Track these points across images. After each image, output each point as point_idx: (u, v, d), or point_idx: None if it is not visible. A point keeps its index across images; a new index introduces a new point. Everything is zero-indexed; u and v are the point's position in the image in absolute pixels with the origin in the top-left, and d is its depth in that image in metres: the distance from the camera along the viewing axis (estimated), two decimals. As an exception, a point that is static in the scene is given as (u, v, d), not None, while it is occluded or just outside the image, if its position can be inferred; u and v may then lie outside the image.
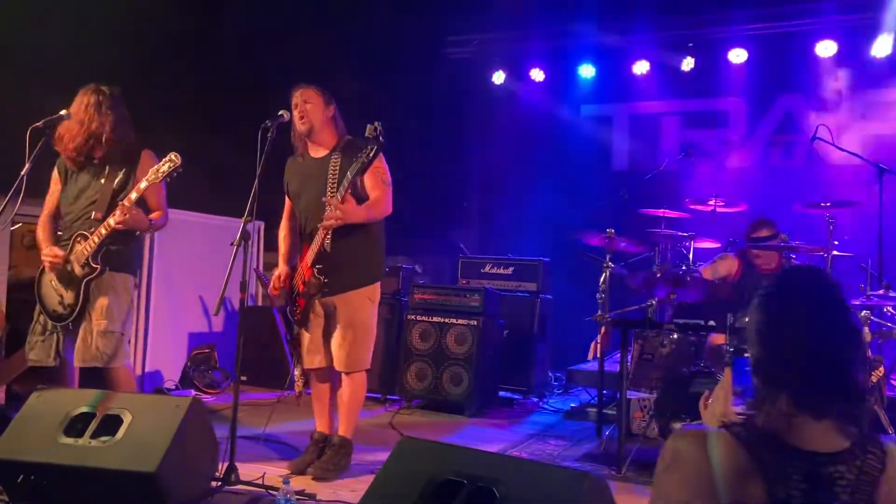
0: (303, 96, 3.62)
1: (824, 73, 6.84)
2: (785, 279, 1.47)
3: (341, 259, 3.52)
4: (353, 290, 3.57)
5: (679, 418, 3.74)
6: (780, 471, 1.28)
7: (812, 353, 1.34)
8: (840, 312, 1.38)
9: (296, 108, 3.61)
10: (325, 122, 3.64)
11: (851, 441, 1.32)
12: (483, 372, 5.23)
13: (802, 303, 1.38)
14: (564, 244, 6.67)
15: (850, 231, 5.11)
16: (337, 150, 3.62)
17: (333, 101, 3.70)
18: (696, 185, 6.56)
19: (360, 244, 3.57)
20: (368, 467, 3.69)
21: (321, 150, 3.66)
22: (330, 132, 3.66)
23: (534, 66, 7.88)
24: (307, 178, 3.66)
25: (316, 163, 3.65)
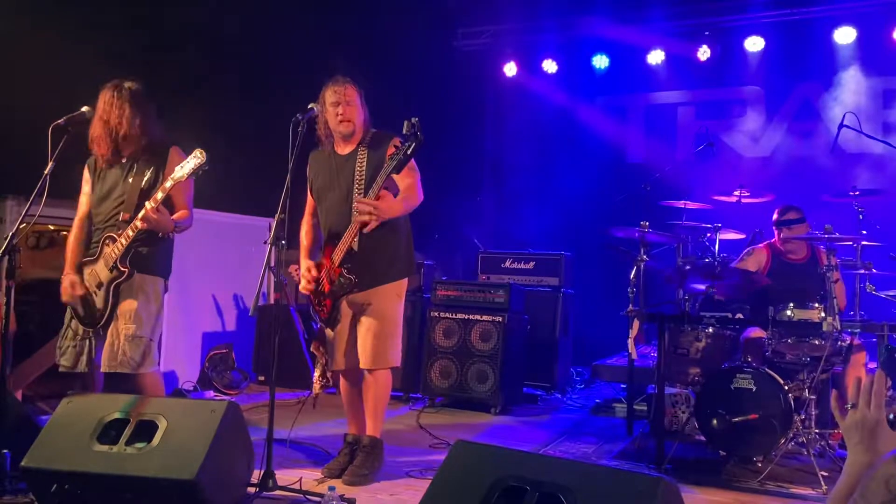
0: (346, 95, 3.47)
1: (843, 59, 6.74)
2: None
3: (370, 257, 3.42)
4: (380, 285, 3.46)
5: (720, 415, 3.66)
6: None
7: None
8: None
9: (335, 105, 3.47)
10: (362, 123, 3.53)
11: None
12: (509, 369, 5.14)
13: None
14: (582, 238, 6.58)
15: (880, 220, 5.02)
16: (363, 144, 3.52)
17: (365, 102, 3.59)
18: (717, 176, 6.45)
19: (387, 241, 3.48)
20: (404, 469, 3.61)
21: (348, 146, 3.55)
22: (362, 129, 3.55)
23: (546, 58, 7.78)
24: (334, 174, 3.55)
25: (342, 159, 3.54)
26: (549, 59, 7.77)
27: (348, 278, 3.40)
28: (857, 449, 1.40)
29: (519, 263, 6.06)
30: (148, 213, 3.21)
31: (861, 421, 1.40)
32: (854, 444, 1.41)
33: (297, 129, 3.22)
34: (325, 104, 3.47)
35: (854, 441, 1.41)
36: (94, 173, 3.53)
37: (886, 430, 1.39)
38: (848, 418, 1.43)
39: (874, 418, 1.39)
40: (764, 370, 3.61)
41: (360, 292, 3.44)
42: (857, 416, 1.41)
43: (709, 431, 3.69)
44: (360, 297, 3.46)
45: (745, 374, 3.61)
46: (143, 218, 3.22)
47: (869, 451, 1.38)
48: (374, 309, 3.46)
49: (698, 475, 3.67)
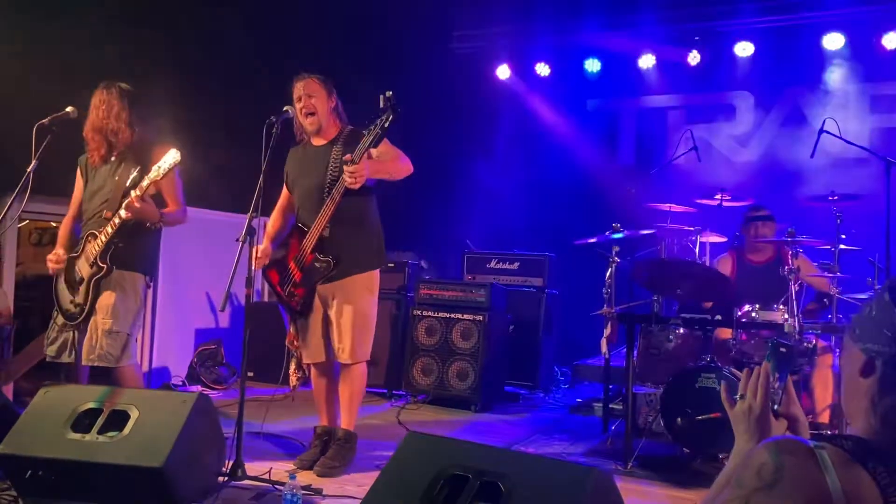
0: (306, 89, 3.55)
1: (831, 65, 6.80)
2: None
3: (340, 244, 3.48)
4: (350, 276, 3.52)
5: (685, 413, 3.74)
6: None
7: None
8: None
9: (299, 100, 3.56)
10: (329, 114, 3.60)
11: None
12: (489, 367, 5.23)
13: None
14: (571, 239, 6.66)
15: (858, 225, 5.07)
16: (339, 142, 3.58)
17: (334, 89, 3.65)
18: (702, 179, 6.53)
19: (356, 232, 3.54)
20: (375, 462, 3.70)
21: (322, 139, 3.63)
22: (333, 123, 3.62)
23: (539, 61, 7.86)
24: (306, 166, 3.62)
25: (316, 151, 3.61)
26: (542, 63, 7.85)
27: (325, 261, 3.46)
28: (743, 437, 1.48)
29: (504, 264, 6.15)
30: (132, 202, 3.30)
31: (748, 410, 1.48)
32: (741, 433, 1.48)
33: (272, 130, 3.32)
34: (293, 96, 3.57)
35: (741, 429, 1.49)
36: (86, 171, 3.65)
37: (770, 420, 1.47)
38: (736, 407, 1.50)
39: (759, 408, 1.47)
40: (728, 370, 3.69)
41: (330, 283, 3.50)
42: (744, 406, 1.49)
43: (674, 430, 3.77)
44: (330, 288, 3.51)
45: (710, 374, 3.69)
46: (128, 207, 3.31)
47: (753, 439, 1.46)
48: (348, 304, 3.52)
49: (664, 472, 3.76)
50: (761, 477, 1.19)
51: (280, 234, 3.77)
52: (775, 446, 1.22)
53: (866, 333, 1.28)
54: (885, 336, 1.24)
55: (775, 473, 1.18)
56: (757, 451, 1.27)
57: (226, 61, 6.15)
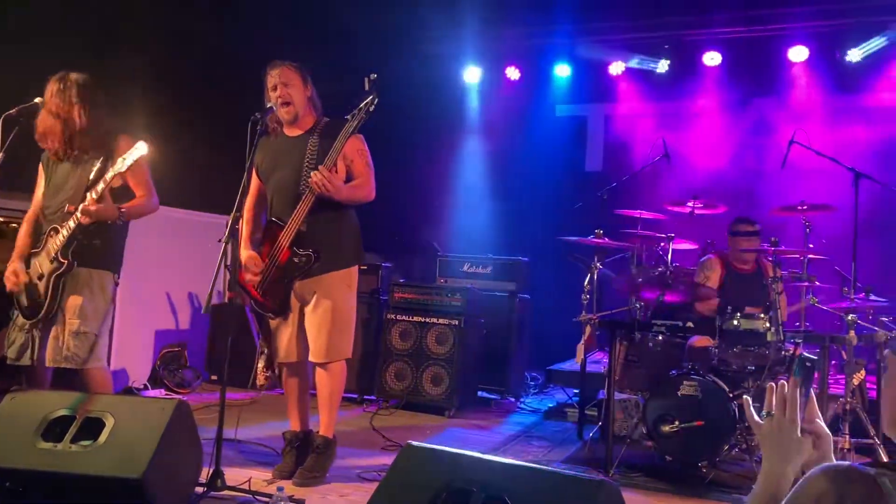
0: (282, 77, 3.41)
1: (797, 77, 6.95)
2: None
3: (317, 239, 3.36)
4: (328, 272, 3.41)
5: (667, 421, 3.74)
6: None
7: None
8: None
9: (273, 89, 3.42)
10: (305, 104, 3.47)
11: None
12: (464, 372, 5.18)
13: None
14: (538, 243, 6.66)
15: (826, 234, 5.18)
16: (315, 132, 3.46)
17: (310, 77, 3.53)
18: (671, 186, 6.59)
19: (334, 227, 3.43)
20: (354, 471, 3.61)
21: (297, 129, 3.50)
22: (309, 113, 3.49)
23: (510, 65, 7.85)
24: (281, 156, 3.47)
25: (291, 141, 3.47)
26: (513, 67, 7.85)
27: (304, 255, 3.34)
28: (774, 457, 1.42)
29: (477, 268, 6.10)
30: (86, 207, 3.16)
31: (777, 428, 1.43)
32: (772, 452, 1.43)
33: (256, 127, 3.20)
34: (266, 91, 3.43)
35: (771, 448, 1.43)
36: (47, 167, 3.48)
37: (800, 438, 1.43)
38: (765, 426, 1.45)
39: (790, 425, 1.42)
40: (710, 378, 3.71)
41: (308, 279, 3.39)
42: (773, 424, 1.44)
43: (655, 437, 3.77)
44: (308, 284, 3.40)
45: (692, 382, 3.70)
46: (83, 211, 3.16)
47: (784, 458, 1.41)
48: (326, 300, 3.40)
49: (645, 480, 3.76)
50: None
51: (255, 235, 3.62)
52: (835, 475, 1.19)
53: None
54: None
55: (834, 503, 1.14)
56: (814, 478, 1.22)
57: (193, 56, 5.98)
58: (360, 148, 3.45)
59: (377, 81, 3.19)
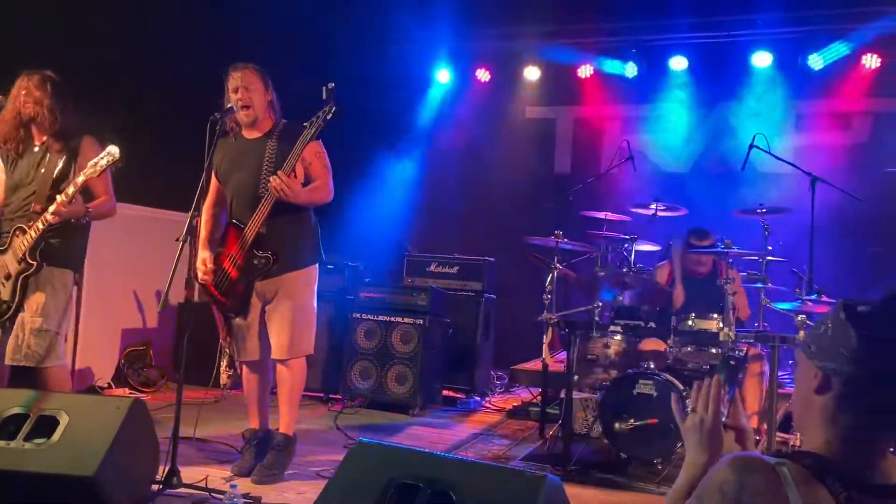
0: (244, 80, 3.43)
1: (760, 82, 7.08)
2: None
3: (277, 241, 3.40)
4: (289, 272, 3.45)
5: (623, 419, 3.82)
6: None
7: None
8: None
9: (235, 91, 3.44)
10: (265, 107, 3.50)
11: None
12: (428, 371, 5.22)
13: None
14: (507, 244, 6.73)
15: (784, 237, 5.29)
16: (273, 135, 3.49)
17: (270, 81, 3.56)
18: (637, 188, 6.69)
19: (293, 228, 3.47)
20: (313, 468, 3.64)
21: (256, 132, 3.53)
22: (269, 116, 3.53)
23: (480, 67, 7.91)
24: (240, 158, 3.51)
25: (250, 144, 3.51)
26: (483, 68, 7.91)
27: (264, 257, 3.37)
28: (696, 449, 1.50)
29: (444, 267, 6.15)
30: (59, 208, 3.18)
31: (700, 423, 1.51)
32: (693, 445, 1.51)
33: (215, 127, 3.22)
34: (227, 92, 3.46)
35: (693, 442, 1.51)
36: (7, 162, 3.47)
37: (721, 432, 1.51)
38: (688, 420, 1.53)
39: (711, 421, 1.50)
40: (665, 377, 3.79)
41: (269, 280, 3.42)
42: (696, 419, 1.52)
43: (612, 435, 3.84)
44: (269, 284, 3.43)
45: (647, 380, 3.77)
46: (55, 212, 3.19)
47: (706, 451, 1.49)
48: (287, 298, 3.44)
49: (601, 476, 3.82)
50: (724, 494, 1.22)
51: (214, 235, 3.64)
52: (738, 463, 1.25)
53: (822, 351, 1.32)
54: (841, 355, 1.27)
55: (738, 491, 1.20)
56: (718, 468, 1.28)
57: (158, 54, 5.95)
58: (318, 151, 3.49)
59: (335, 91, 3.22)
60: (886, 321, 1.28)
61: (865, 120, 6.84)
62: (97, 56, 5.17)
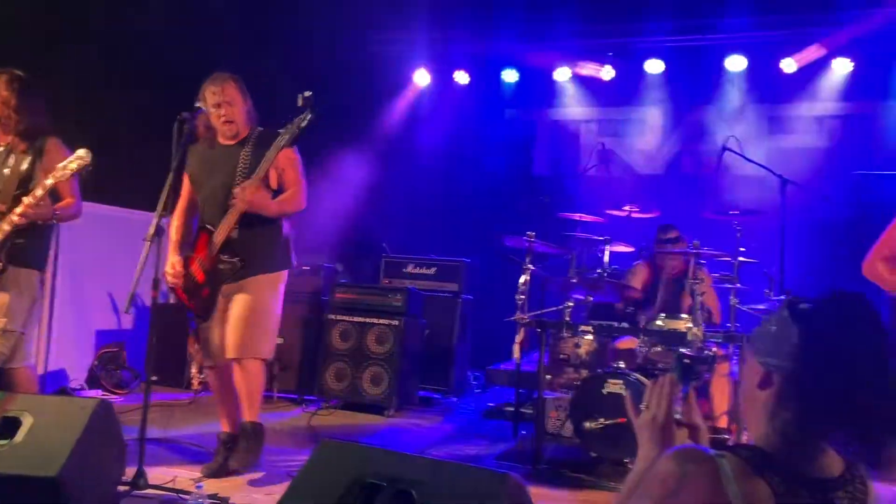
0: (225, 95, 3.46)
1: (734, 86, 7.15)
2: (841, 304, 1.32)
3: (247, 246, 3.41)
4: (256, 275, 3.45)
5: (593, 418, 3.84)
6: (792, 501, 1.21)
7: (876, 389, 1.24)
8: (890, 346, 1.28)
9: (217, 106, 3.47)
10: (245, 119, 3.55)
11: (845, 465, 1.29)
12: (404, 372, 5.23)
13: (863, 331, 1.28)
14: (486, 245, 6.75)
15: (756, 238, 5.35)
16: (249, 143, 3.51)
17: (247, 91, 3.58)
18: (612, 191, 6.73)
19: (263, 234, 3.48)
20: (285, 469, 3.63)
21: (232, 140, 3.54)
22: (246, 125, 3.55)
23: (458, 69, 7.93)
24: (213, 165, 3.53)
25: (224, 150, 3.53)
26: (461, 71, 7.93)
27: (231, 262, 3.37)
28: (647, 445, 1.53)
29: (421, 269, 6.16)
30: (26, 210, 3.17)
31: (652, 420, 1.53)
32: (645, 441, 1.54)
33: (183, 126, 3.21)
34: (206, 103, 3.46)
35: (645, 437, 1.54)
36: None
37: (674, 429, 1.53)
38: (641, 417, 1.56)
39: (663, 417, 1.52)
40: (634, 376, 3.82)
41: (235, 283, 3.42)
42: (648, 415, 1.54)
43: (582, 434, 3.86)
44: (235, 287, 3.44)
45: (617, 380, 3.80)
46: (22, 213, 3.18)
47: (657, 447, 1.52)
48: (247, 298, 3.43)
49: (571, 476, 3.84)
50: (666, 485, 1.24)
51: (185, 240, 3.64)
52: (679, 455, 1.27)
53: (766, 348, 1.35)
54: (783, 352, 1.30)
55: (679, 482, 1.23)
56: (662, 460, 1.31)
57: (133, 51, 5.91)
58: (293, 158, 3.50)
59: (312, 99, 3.23)
60: (827, 319, 1.31)
61: (836, 123, 6.92)
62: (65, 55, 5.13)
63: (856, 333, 1.28)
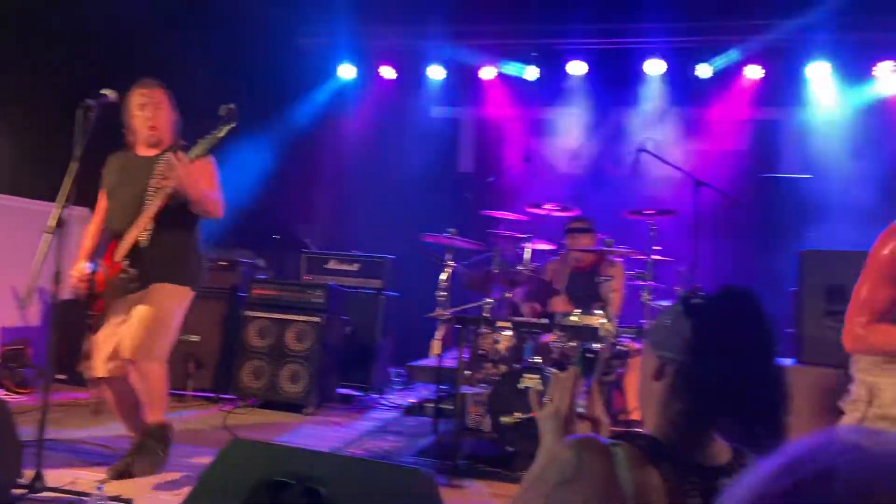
0: (154, 97, 3.38)
1: (653, 89, 7.36)
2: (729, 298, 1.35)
3: (156, 254, 3.30)
4: (163, 283, 3.34)
5: (510, 412, 3.88)
6: (682, 488, 1.24)
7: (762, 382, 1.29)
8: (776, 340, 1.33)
9: (142, 107, 3.38)
10: (169, 128, 3.47)
11: (732, 453, 1.33)
12: (323, 369, 5.16)
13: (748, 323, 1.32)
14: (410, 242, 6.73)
15: (670, 238, 5.52)
16: (167, 154, 3.40)
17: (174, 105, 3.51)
18: (534, 189, 6.83)
19: (178, 242, 3.39)
20: (195, 469, 3.52)
21: (152, 150, 3.46)
22: (169, 135, 3.48)
23: (385, 64, 7.89)
24: (129, 173, 3.44)
25: (141, 161, 3.44)
26: (388, 66, 7.89)
27: (128, 273, 3.25)
28: (550, 437, 1.55)
29: (344, 264, 6.10)
30: None
31: (554, 412, 1.55)
32: (548, 433, 1.56)
33: (87, 114, 3.08)
34: (131, 107, 3.38)
35: (548, 430, 1.56)
36: None
37: (575, 422, 1.56)
38: (544, 410, 1.58)
39: (565, 410, 1.55)
40: (549, 371, 3.88)
41: (137, 293, 3.31)
42: (551, 408, 1.56)
43: (499, 429, 3.90)
44: (137, 297, 3.32)
45: (533, 375, 3.85)
46: None
47: (559, 439, 1.54)
48: (150, 303, 3.31)
49: (488, 470, 3.88)
50: (562, 473, 1.26)
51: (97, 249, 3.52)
52: (576, 444, 1.30)
53: (661, 341, 1.40)
54: (676, 344, 1.35)
55: (575, 470, 1.24)
56: (560, 449, 1.34)
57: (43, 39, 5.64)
58: (207, 168, 3.42)
59: (235, 111, 3.17)
60: (717, 313, 1.35)
61: (746, 128, 7.22)
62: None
63: (742, 326, 1.32)
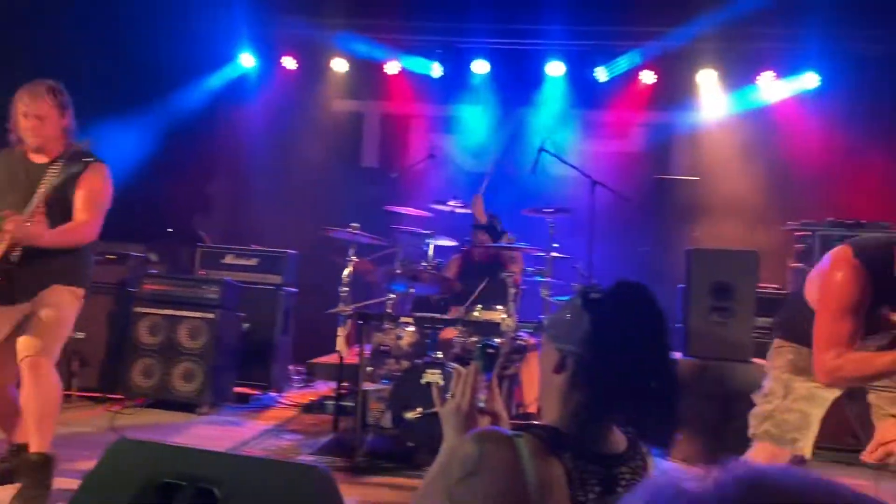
0: (37, 109, 3.16)
1: (553, 90, 7.53)
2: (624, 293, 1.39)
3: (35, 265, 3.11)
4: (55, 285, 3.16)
5: (411, 408, 3.89)
6: (582, 477, 1.28)
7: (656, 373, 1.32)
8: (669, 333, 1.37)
9: (25, 116, 3.17)
10: (57, 137, 3.25)
11: (628, 442, 1.37)
12: (218, 367, 5.00)
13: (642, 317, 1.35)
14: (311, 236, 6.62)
15: (567, 235, 5.67)
16: (60, 161, 3.21)
17: (69, 105, 3.28)
18: (438, 186, 6.87)
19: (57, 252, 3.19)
20: (79, 474, 3.33)
21: (43, 156, 3.25)
22: (59, 142, 3.26)
23: (286, 54, 7.71)
24: (16, 179, 3.23)
25: (32, 167, 3.23)
26: (289, 56, 7.72)
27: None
28: (452, 433, 1.56)
29: (241, 259, 5.92)
30: None
31: (456, 408, 1.56)
32: (450, 429, 1.57)
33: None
34: (16, 112, 3.17)
35: (450, 426, 1.57)
36: None
37: (476, 417, 1.57)
38: (446, 405, 1.58)
39: (467, 405, 1.56)
40: (451, 366, 3.90)
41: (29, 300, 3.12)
42: (453, 404, 1.57)
43: (400, 424, 3.90)
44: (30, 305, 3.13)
45: (434, 370, 3.87)
46: None
47: (460, 434, 1.54)
48: (49, 303, 3.13)
49: (389, 466, 3.87)
50: (464, 466, 1.27)
51: None
52: (478, 437, 1.32)
53: (560, 334, 1.43)
54: (576, 338, 1.38)
55: (477, 463, 1.26)
56: (463, 442, 1.35)
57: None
58: (94, 187, 3.24)
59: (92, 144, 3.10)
60: (613, 307, 1.40)
61: (640, 130, 7.51)
62: None
63: (637, 320, 1.37)
